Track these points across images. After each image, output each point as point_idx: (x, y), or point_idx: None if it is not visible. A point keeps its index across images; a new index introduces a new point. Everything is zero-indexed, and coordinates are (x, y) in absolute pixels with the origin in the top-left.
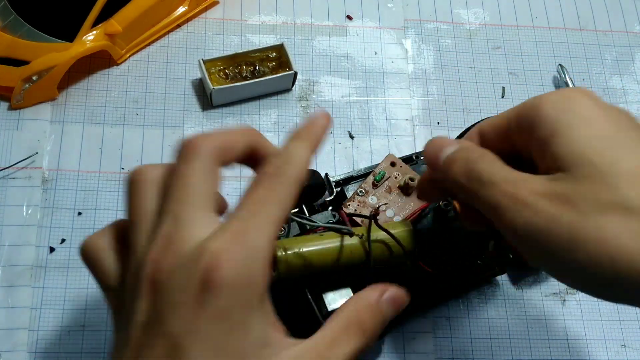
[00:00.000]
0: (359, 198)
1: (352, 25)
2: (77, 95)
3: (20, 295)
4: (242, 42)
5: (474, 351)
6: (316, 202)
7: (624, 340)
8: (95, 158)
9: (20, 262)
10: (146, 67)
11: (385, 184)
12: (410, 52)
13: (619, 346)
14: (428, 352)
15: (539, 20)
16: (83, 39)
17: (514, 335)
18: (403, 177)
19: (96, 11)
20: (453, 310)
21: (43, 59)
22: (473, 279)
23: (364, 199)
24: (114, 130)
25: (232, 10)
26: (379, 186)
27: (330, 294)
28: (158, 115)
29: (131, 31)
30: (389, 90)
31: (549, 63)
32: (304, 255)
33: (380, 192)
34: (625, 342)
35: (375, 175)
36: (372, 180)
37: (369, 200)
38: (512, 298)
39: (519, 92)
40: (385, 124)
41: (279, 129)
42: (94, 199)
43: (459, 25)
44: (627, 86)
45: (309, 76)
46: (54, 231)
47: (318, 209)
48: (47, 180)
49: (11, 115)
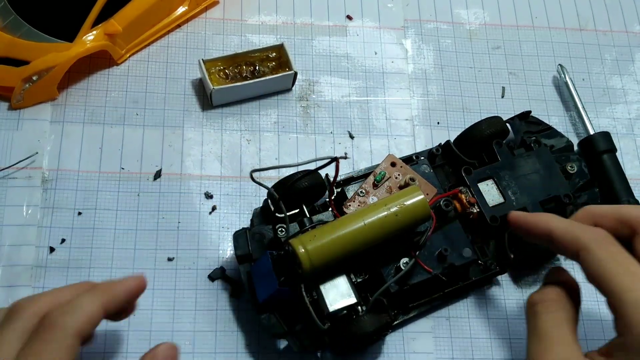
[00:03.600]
0: (359, 198)
1: (352, 25)
2: (77, 95)
3: (21, 295)
4: (242, 42)
5: (474, 351)
6: (317, 203)
7: None
8: (95, 158)
9: (20, 262)
10: (146, 67)
11: (386, 184)
12: (410, 52)
13: None
14: (428, 352)
15: (539, 20)
16: (83, 39)
17: (514, 336)
18: (404, 177)
19: (96, 11)
20: (453, 310)
21: (43, 59)
22: (474, 279)
23: (364, 199)
24: (114, 130)
25: (232, 10)
26: (379, 186)
27: (330, 292)
28: (158, 115)
29: (131, 31)
30: (389, 90)
31: (548, 63)
32: (325, 246)
33: (380, 193)
34: None
35: (375, 175)
36: (373, 180)
37: (369, 201)
38: (512, 298)
39: (519, 92)
40: (385, 124)
41: (279, 128)
42: (94, 199)
43: (459, 25)
44: (627, 86)
45: (309, 76)
46: (54, 231)
47: (318, 209)
48: (47, 180)
49: (11, 115)
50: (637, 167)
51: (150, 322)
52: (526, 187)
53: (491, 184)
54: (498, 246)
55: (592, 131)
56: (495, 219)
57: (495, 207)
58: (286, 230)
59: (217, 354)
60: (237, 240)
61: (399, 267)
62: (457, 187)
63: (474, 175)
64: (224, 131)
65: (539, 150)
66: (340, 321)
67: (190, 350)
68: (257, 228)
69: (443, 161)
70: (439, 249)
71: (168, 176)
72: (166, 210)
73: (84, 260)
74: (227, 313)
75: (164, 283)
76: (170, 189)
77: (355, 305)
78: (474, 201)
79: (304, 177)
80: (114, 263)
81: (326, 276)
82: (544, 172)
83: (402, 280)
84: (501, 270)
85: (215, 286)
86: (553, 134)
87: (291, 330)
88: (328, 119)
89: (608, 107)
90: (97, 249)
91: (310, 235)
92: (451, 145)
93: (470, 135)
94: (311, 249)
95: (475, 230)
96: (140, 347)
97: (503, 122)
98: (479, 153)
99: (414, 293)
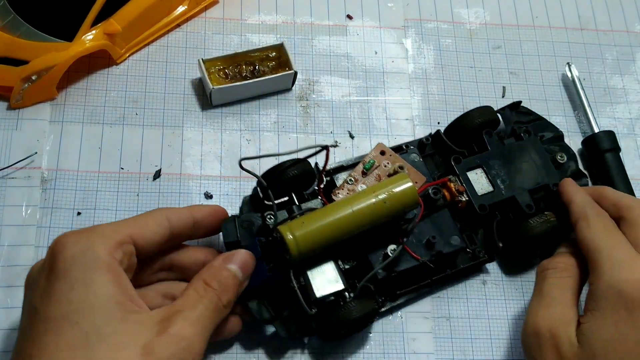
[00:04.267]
0: (348, 186)
1: (352, 24)
2: (77, 95)
3: (20, 296)
4: (242, 41)
5: (474, 352)
6: (306, 191)
7: None
8: (95, 158)
9: (20, 262)
10: (146, 66)
11: (375, 172)
12: (411, 51)
13: None
14: (429, 353)
15: (540, 19)
16: (82, 38)
17: (515, 336)
18: (392, 165)
19: (95, 10)
20: (453, 311)
21: (42, 59)
22: (462, 267)
23: (353, 187)
24: (113, 130)
25: (232, 9)
26: (368, 174)
27: (318, 278)
28: (157, 115)
29: (131, 31)
30: (389, 90)
31: (549, 62)
32: (313, 232)
33: (370, 181)
34: None
35: (364, 163)
36: (362, 168)
37: (358, 189)
38: (512, 299)
39: (519, 92)
40: (385, 124)
41: (279, 128)
42: (94, 199)
43: (459, 24)
44: (628, 86)
45: (309, 76)
46: (53, 231)
47: (308, 197)
48: (46, 180)
49: (10, 115)
50: (639, 167)
51: None
52: (516, 176)
53: (480, 173)
54: (487, 235)
55: (597, 129)
56: (484, 208)
57: (484, 195)
58: (275, 218)
59: (218, 355)
60: (226, 228)
61: (387, 254)
62: (447, 176)
63: (463, 164)
64: (223, 131)
65: (529, 139)
66: (328, 307)
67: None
68: (246, 215)
69: (433, 150)
70: (427, 237)
71: (167, 176)
72: None
73: None
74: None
75: None
76: (169, 189)
77: (343, 291)
78: (462, 190)
79: (294, 166)
80: None
81: (314, 262)
82: (533, 162)
83: (390, 266)
84: (489, 259)
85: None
86: (544, 124)
87: (279, 316)
88: (328, 119)
89: (609, 107)
90: None
91: (298, 222)
92: (441, 135)
93: (461, 124)
94: (299, 236)
95: (464, 218)
96: None
97: (493, 111)
98: (469, 142)
99: (401, 280)
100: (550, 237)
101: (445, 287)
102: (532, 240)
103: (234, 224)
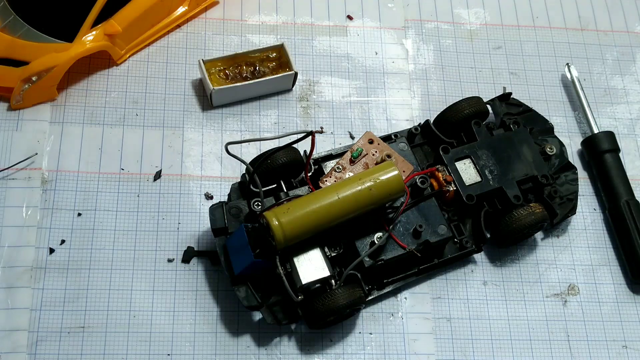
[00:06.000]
0: (336, 174)
1: (352, 25)
2: (77, 95)
3: (20, 297)
4: (242, 42)
5: (474, 352)
6: (295, 179)
7: (625, 341)
8: (95, 159)
9: (20, 263)
10: (146, 67)
11: (363, 160)
12: (411, 52)
13: (620, 347)
14: (429, 353)
15: (540, 20)
16: (83, 39)
17: (515, 337)
18: (380, 154)
19: (96, 11)
20: (454, 312)
21: (43, 60)
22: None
23: (341, 175)
24: (113, 130)
25: (232, 10)
26: (356, 163)
27: (304, 265)
28: (158, 115)
29: (131, 31)
30: (390, 91)
31: (550, 63)
32: (299, 218)
33: (357, 169)
34: (626, 343)
35: (352, 152)
36: (350, 157)
37: (345, 177)
38: (513, 299)
39: (520, 92)
40: (385, 124)
41: (279, 129)
42: (94, 200)
43: (460, 25)
44: (629, 86)
45: (309, 76)
46: (53, 232)
47: (296, 185)
48: (47, 181)
49: (11, 115)
50: (639, 167)
51: (150, 323)
52: (504, 167)
53: (468, 163)
54: (475, 225)
55: (596, 130)
56: (471, 198)
57: (471, 185)
58: (262, 204)
59: (218, 355)
60: (214, 214)
61: (373, 242)
62: (435, 165)
63: (451, 154)
64: (224, 132)
65: (518, 131)
66: (314, 294)
67: (190, 352)
68: (234, 202)
69: (422, 140)
70: (414, 226)
71: (168, 177)
72: (166, 211)
73: (83, 261)
74: (228, 314)
75: (164, 284)
76: (170, 189)
77: (329, 278)
78: (450, 179)
79: (282, 152)
80: (113, 264)
81: (300, 249)
82: (522, 153)
83: (376, 254)
84: (477, 249)
85: (216, 287)
86: (533, 116)
87: (265, 302)
88: (328, 119)
89: (609, 107)
90: (97, 250)
91: (284, 208)
92: (430, 125)
93: (449, 114)
94: (285, 222)
95: (452, 209)
96: (140, 347)
97: (483, 102)
98: (458, 133)
99: (389, 269)
100: (535, 228)
101: (433, 277)
102: (516, 231)
103: (222, 210)
